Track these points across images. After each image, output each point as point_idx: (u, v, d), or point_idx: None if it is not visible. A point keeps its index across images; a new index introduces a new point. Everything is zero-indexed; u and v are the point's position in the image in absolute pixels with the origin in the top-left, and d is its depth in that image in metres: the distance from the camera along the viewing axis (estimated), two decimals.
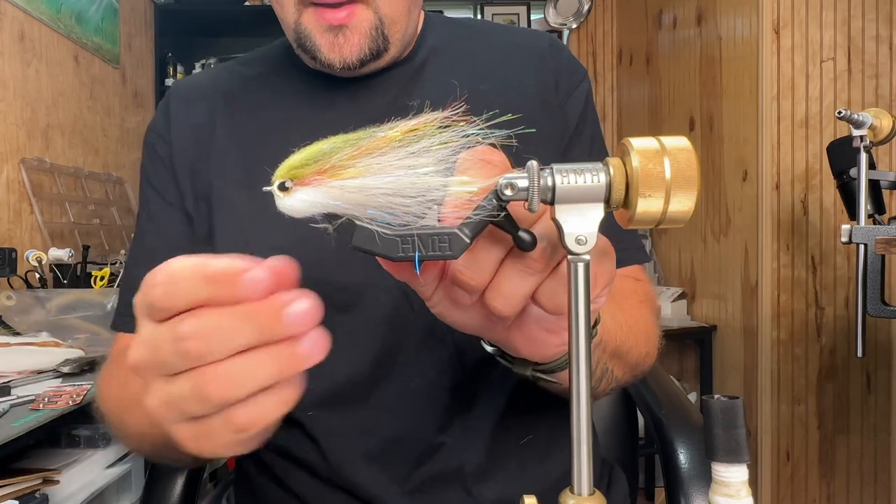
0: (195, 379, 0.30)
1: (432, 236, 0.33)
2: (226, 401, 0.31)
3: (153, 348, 0.31)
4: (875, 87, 2.05)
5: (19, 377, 1.20)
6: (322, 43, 0.60)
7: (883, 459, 2.06)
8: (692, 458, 0.74)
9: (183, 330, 0.30)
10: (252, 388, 0.31)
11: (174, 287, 0.30)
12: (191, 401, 0.31)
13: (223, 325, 0.30)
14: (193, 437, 0.32)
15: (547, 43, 0.73)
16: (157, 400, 0.32)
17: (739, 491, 0.36)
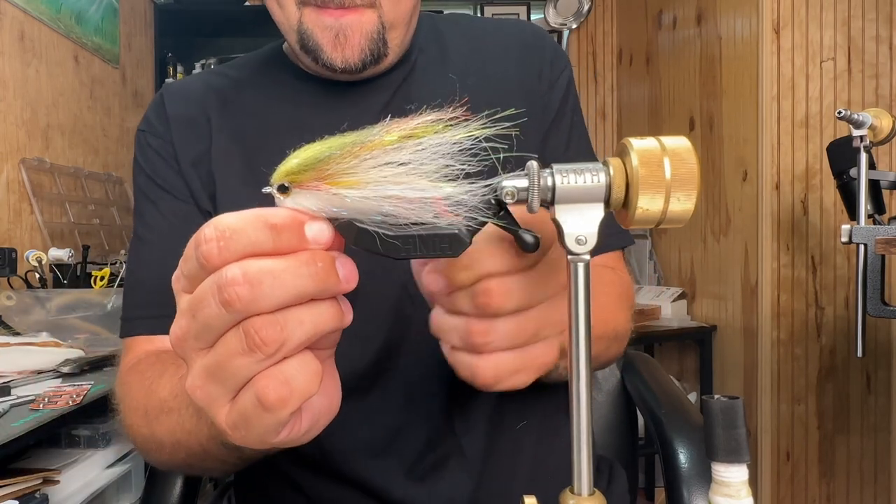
0: (243, 328, 0.30)
1: (433, 237, 0.33)
2: (277, 349, 0.30)
3: (196, 309, 0.31)
4: (875, 87, 2.05)
5: (19, 377, 1.20)
6: (324, 42, 0.60)
7: (883, 459, 2.06)
8: (692, 458, 0.74)
9: (230, 275, 0.30)
10: (302, 337, 0.31)
11: (231, 238, 0.30)
12: (237, 357, 0.30)
13: (275, 271, 0.30)
14: (240, 416, 0.32)
15: (530, 33, 0.73)
16: (200, 374, 0.32)
17: (739, 491, 0.36)
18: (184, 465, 0.54)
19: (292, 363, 0.31)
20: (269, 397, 0.31)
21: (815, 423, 2.08)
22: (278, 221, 0.31)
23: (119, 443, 1.31)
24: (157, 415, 0.52)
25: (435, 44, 0.71)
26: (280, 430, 0.33)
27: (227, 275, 0.30)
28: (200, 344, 0.32)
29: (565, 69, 0.73)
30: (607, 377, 0.96)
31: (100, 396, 1.14)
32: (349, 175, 0.32)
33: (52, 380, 1.23)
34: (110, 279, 1.68)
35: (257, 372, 0.31)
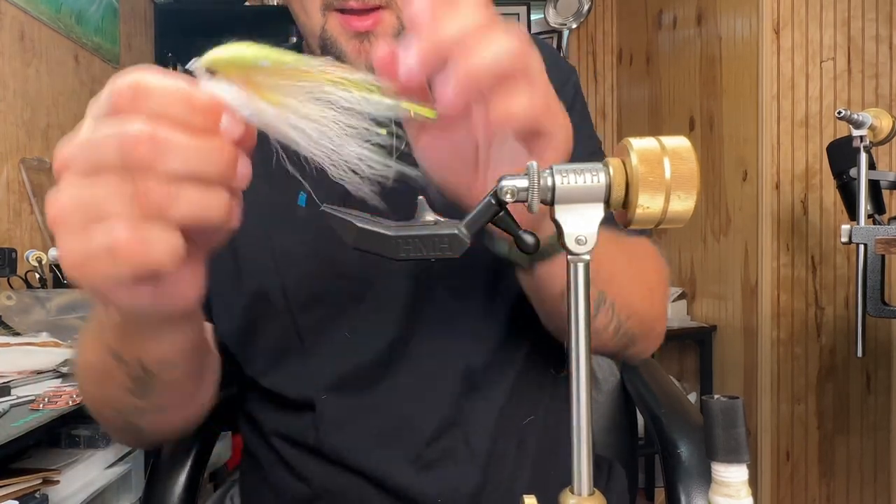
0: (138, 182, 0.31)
1: (433, 237, 0.33)
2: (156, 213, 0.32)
3: (93, 141, 0.32)
4: (875, 87, 2.05)
5: (19, 377, 1.20)
6: (348, 49, 0.60)
7: (883, 459, 2.06)
8: (692, 458, 0.74)
9: (138, 128, 0.31)
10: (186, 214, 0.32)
11: (150, 96, 0.31)
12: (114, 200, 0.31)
13: (183, 143, 0.31)
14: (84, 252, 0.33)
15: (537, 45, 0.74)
16: (70, 195, 0.32)
17: (739, 491, 0.36)
18: (101, 406, 0.55)
19: (158, 231, 0.32)
20: (121, 247, 0.32)
21: (815, 422, 2.08)
22: (200, 102, 0.32)
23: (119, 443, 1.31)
24: (83, 347, 0.54)
25: None
26: (115, 287, 0.35)
27: (135, 129, 0.31)
28: (82, 173, 0.32)
29: (571, 76, 0.73)
30: (607, 377, 0.96)
31: None
32: (272, 91, 0.34)
33: (52, 380, 1.23)
34: None
35: (122, 220, 0.32)
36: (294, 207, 0.59)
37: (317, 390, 0.64)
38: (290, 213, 0.63)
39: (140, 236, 0.32)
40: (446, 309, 0.63)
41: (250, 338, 0.66)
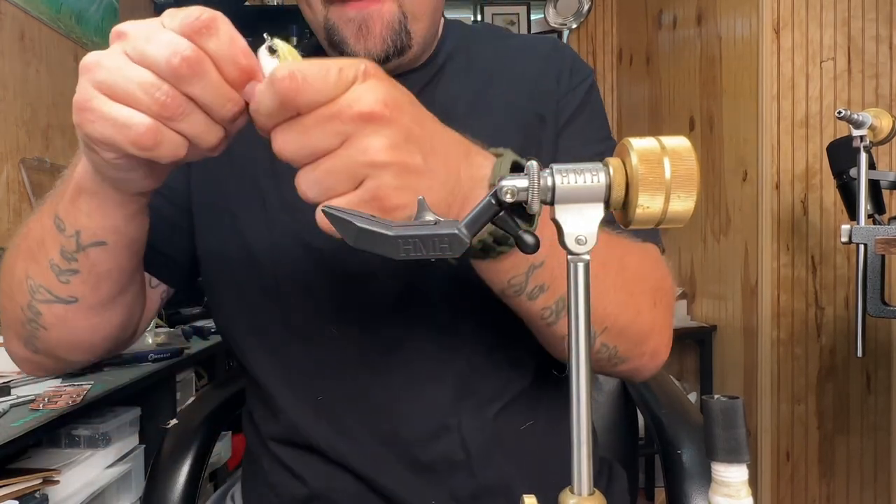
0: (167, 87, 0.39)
1: (433, 237, 0.33)
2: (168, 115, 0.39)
3: (154, 38, 0.39)
4: (875, 87, 2.05)
5: (19, 377, 1.20)
6: (348, 34, 0.61)
7: (883, 459, 2.06)
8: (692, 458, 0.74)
9: (190, 51, 0.38)
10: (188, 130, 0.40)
11: (215, 32, 0.40)
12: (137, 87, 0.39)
13: (216, 78, 0.40)
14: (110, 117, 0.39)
15: (550, 45, 0.75)
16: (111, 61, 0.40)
17: (739, 491, 0.36)
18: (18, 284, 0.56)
19: (172, 136, 0.40)
20: (142, 137, 0.39)
21: (815, 423, 2.08)
22: (244, 62, 0.40)
23: (119, 442, 1.31)
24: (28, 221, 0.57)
25: (464, 53, 0.72)
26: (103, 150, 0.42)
27: (187, 50, 0.38)
28: (131, 53, 0.39)
29: (587, 78, 0.74)
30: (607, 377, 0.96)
31: (100, 396, 1.14)
32: None
33: (52, 380, 1.22)
34: None
35: (146, 111, 0.39)
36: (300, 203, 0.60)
37: (312, 391, 0.64)
38: (295, 207, 0.63)
39: (156, 134, 0.40)
40: (442, 311, 0.63)
41: (244, 326, 0.67)
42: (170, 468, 0.78)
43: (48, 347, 0.60)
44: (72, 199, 0.50)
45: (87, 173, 0.48)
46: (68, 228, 0.51)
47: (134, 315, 0.63)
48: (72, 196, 0.50)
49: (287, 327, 0.64)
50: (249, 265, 0.65)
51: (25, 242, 0.56)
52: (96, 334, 0.60)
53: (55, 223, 0.51)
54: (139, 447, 1.38)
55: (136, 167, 0.45)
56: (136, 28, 0.40)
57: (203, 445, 0.79)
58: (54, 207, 0.52)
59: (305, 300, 0.64)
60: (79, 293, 0.55)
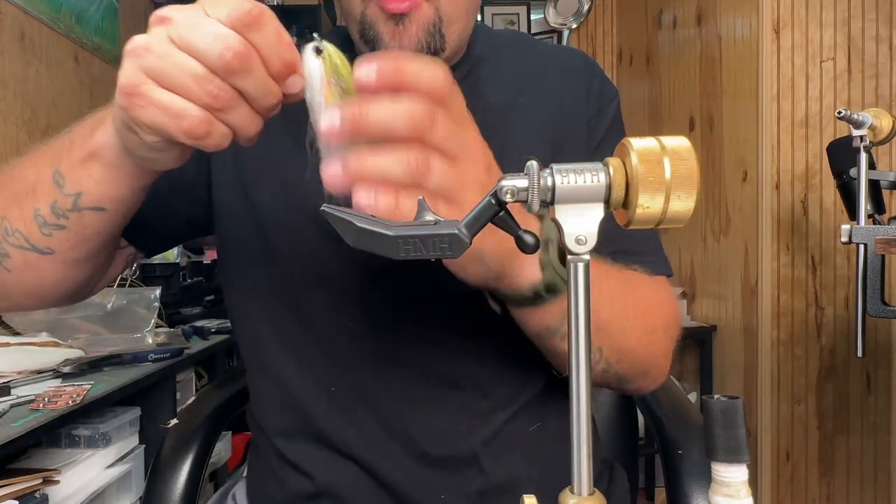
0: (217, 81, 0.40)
1: (433, 237, 0.33)
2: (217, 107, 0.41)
3: (194, 27, 0.40)
4: (875, 87, 2.05)
5: (19, 377, 1.20)
6: (384, 31, 0.61)
7: (883, 459, 2.06)
8: (692, 458, 0.74)
9: (239, 44, 0.39)
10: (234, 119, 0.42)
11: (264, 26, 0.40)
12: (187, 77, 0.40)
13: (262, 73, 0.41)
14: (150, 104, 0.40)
15: (582, 61, 0.76)
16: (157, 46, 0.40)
17: (739, 491, 0.36)
18: None
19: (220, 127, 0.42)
20: (195, 126, 0.41)
21: (815, 423, 2.08)
22: (289, 57, 0.42)
23: (119, 442, 1.31)
24: (16, 162, 0.57)
25: (492, 57, 0.72)
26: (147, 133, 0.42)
27: (237, 45, 0.39)
28: (176, 39, 0.40)
29: (614, 99, 0.75)
30: None
31: (100, 396, 1.14)
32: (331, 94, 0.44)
33: (52, 380, 1.23)
34: None
35: (191, 99, 0.40)
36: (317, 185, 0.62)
37: (325, 382, 0.64)
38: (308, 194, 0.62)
39: (208, 124, 0.41)
40: (461, 311, 0.63)
41: (258, 313, 0.67)
42: (170, 468, 0.78)
43: (2, 288, 0.59)
44: (81, 161, 0.50)
45: (110, 146, 0.48)
46: (68, 187, 0.51)
47: (98, 274, 0.62)
48: (82, 159, 0.50)
49: (302, 317, 0.64)
50: (268, 253, 0.65)
51: (10, 184, 0.55)
52: (58, 287, 0.59)
53: (53, 177, 0.51)
54: (139, 447, 1.39)
55: (172, 149, 0.45)
56: (181, 14, 0.41)
57: (203, 445, 0.79)
58: (55, 161, 0.52)
59: (323, 291, 0.64)
60: (57, 247, 0.54)
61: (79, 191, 0.51)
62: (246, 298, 0.68)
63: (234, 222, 0.67)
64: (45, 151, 0.54)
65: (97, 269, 0.61)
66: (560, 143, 0.68)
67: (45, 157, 0.53)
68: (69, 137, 0.52)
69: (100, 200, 0.51)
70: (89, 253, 0.56)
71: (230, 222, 0.68)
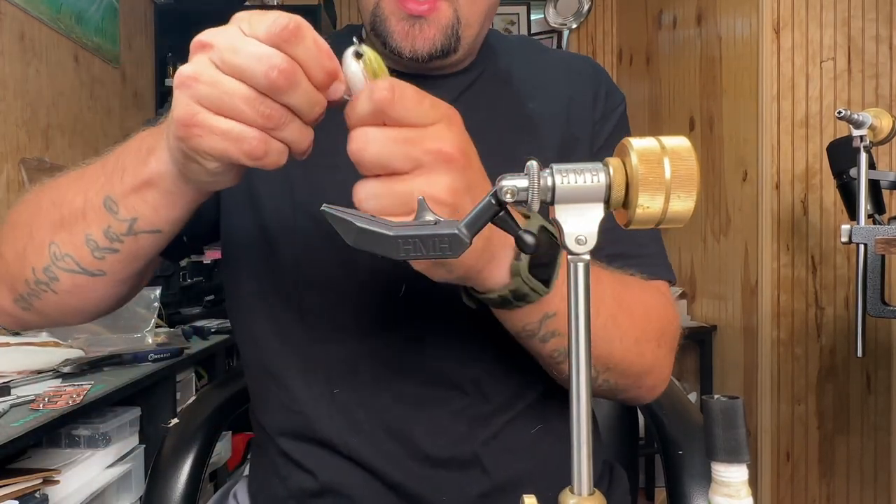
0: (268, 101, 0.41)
1: (433, 237, 0.33)
2: (272, 126, 0.41)
3: (237, 51, 0.40)
4: (875, 87, 2.05)
5: (19, 377, 1.20)
6: (396, 30, 0.61)
7: (883, 459, 2.06)
8: (693, 458, 0.74)
9: (286, 63, 0.40)
10: (288, 136, 0.42)
11: (303, 40, 0.40)
12: (242, 106, 0.41)
13: (307, 85, 0.41)
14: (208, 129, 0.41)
15: (590, 66, 0.76)
16: (203, 72, 0.41)
17: (739, 491, 0.36)
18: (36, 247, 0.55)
19: (277, 145, 0.42)
20: (254, 147, 0.41)
21: (815, 423, 2.08)
22: (330, 65, 0.42)
23: (119, 442, 1.31)
24: (56, 183, 0.57)
25: (502, 61, 0.72)
26: (209, 161, 0.43)
27: (282, 62, 0.40)
28: (221, 65, 0.41)
29: (621, 104, 0.75)
30: None
31: (100, 396, 1.14)
32: None
33: (52, 380, 1.23)
34: None
35: (246, 122, 0.41)
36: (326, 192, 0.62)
37: (329, 383, 0.64)
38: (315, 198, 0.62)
39: (265, 143, 0.42)
40: (464, 316, 0.62)
41: (261, 315, 0.67)
42: (171, 468, 0.78)
43: (46, 308, 0.58)
44: (135, 189, 0.50)
45: (166, 174, 0.48)
46: (122, 213, 0.51)
47: (138, 286, 0.63)
48: (136, 187, 0.50)
49: (306, 320, 0.64)
50: (272, 254, 0.65)
51: (55, 209, 0.55)
52: (102, 304, 0.60)
53: (105, 204, 0.51)
54: (139, 447, 1.39)
55: (231, 171, 0.46)
56: (221, 38, 0.41)
57: (204, 445, 0.79)
58: (106, 188, 0.52)
59: (328, 293, 0.63)
60: (108, 269, 0.54)
61: (134, 216, 0.51)
62: (248, 300, 0.68)
63: (238, 223, 0.67)
64: (90, 177, 0.54)
65: (139, 282, 0.62)
66: (568, 148, 0.68)
67: (92, 182, 0.53)
68: (117, 164, 0.52)
69: (156, 224, 0.52)
70: (138, 271, 0.57)
71: (234, 223, 0.68)
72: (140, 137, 0.52)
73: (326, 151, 0.50)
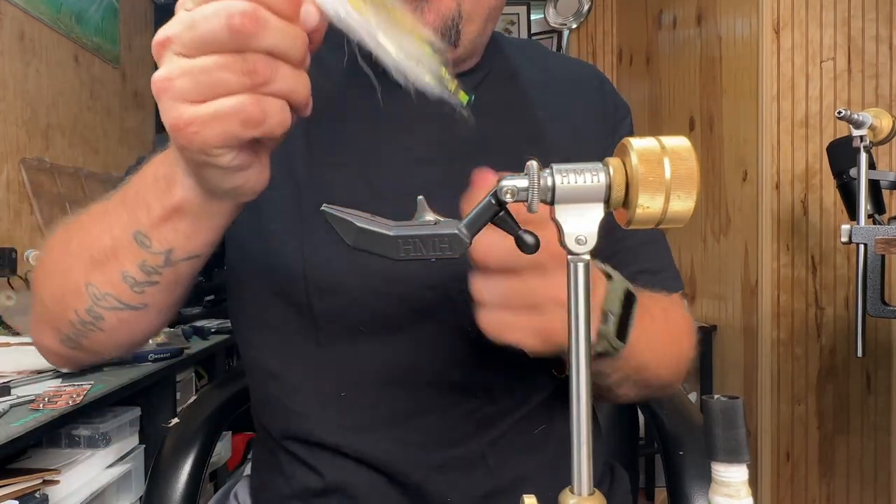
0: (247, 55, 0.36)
1: (433, 237, 0.33)
2: (263, 82, 0.37)
3: (197, 22, 0.36)
4: (875, 87, 2.05)
5: (19, 377, 1.20)
6: None
7: (883, 459, 2.06)
8: (693, 458, 0.74)
9: (243, 6, 0.36)
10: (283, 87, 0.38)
11: None
12: (226, 72, 0.36)
13: (275, 22, 0.37)
14: (206, 117, 0.37)
15: (596, 76, 0.76)
16: (176, 69, 0.37)
17: (739, 491, 0.36)
18: (74, 290, 0.54)
19: (271, 100, 0.38)
20: (251, 113, 0.37)
21: (815, 423, 2.08)
22: None
23: (119, 442, 1.31)
24: (78, 225, 0.55)
25: (508, 64, 0.72)
26: (228, 147, 0.39)
27: (239, 6, 0.36)
28: (187, 50, 0.37)
29: (627, 115, 0.75)
30: None
31: (100, 396, 1.14)
32: (361, 4, 0.39)
33: (52, 380, 1.23)
34: None
35: (241, 89, 0.37)
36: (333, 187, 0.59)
37: (337, 387, 0.64)
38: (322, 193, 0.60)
39: (260, 104, 0.38)
40: (467, 321, 0.62)
41: (265, 322, 0.66)
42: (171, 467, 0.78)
43: (95, 346, 0.58)
44: (165, 219, 0.48)
45: (193, 197, 0.46)
46: (156, 246, 0.49)
47: (181, 306, 0.63)
48: (164, 217, 0.48)
49: (316, 324, 0.63)
50: (278, 256, 0.64)
51: (84, 250, 0.54)
52: (148, 332, 0.60)
53: (136, 239, 0.49)
54: (139, 447, 1.39)
55: (252, 163, 0.43)
56: (173, 27, 0.38)
57: (204, 445, 0.79)
58: (131, 224, 0.50)
59: (336, 297, 0.63)
60: (151, 300, 0.54)
61: (169, 247, 0.50)
62: (252, 303, 0.67)
63: (242, 222, 0.67)
64: (113, 214, 0.52)
65: (182, 303, 0.61)
66: (575, 157, 0.69)
67: (116, 220, 0.51)
68: (137, 198, 0.50)
69: (192, 251, 0.50)
70: (181, 295, 0.57)
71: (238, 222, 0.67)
72: (154, 166, 0.50)
73: (331, 149, 0.50)
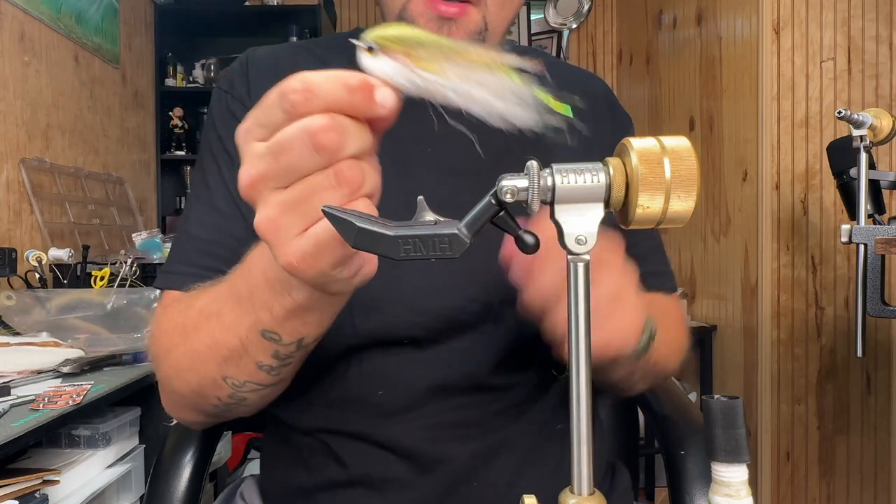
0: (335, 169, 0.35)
1: (433, 237, 0.33)
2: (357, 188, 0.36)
3: (280, 152, 0.35)
4: (875, 87, 2.05)
5: (19, 377, 1.20)
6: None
7: (883, 459, 2.06)
8: (693, 458, 0.74)
9: (321, 122, 0.34)
10: (370, 186, 0.37)
11: (317, 92, 0.35)
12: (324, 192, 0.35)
13: (354, 124, 0.35)
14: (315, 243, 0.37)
15: (603, 90, 0.77)
16: (277, 208, 0.36)
17: (739, 491, 0.36)
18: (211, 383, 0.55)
19: (366, 205, 0.37)
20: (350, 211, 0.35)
21: (815, 423, 2.08)
22: (354, 83, 0.35)
23: (119, 443, 1.31)
24: (196, 323, 0.55)
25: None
26: (342, 264, 0.39)
27: (319, 122, 0.34)
28: (279, 183, 0.36)
29: (630, 127, 0.76)
30: None
31: (100, 396, 1.14)
32: (431, 63, 0.36)
33: (52, 380, 1.23)
34: (110, 279, 1.68)
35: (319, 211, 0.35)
36: None
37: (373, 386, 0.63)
38: None
39: (351, 203, 0.36)
40: (471, 321, 0.62)
41: None
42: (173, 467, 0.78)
43: (241, 413, 0.60)
44: (291, 317, 0.48)
45: (316, 296, 0.46)
46: (286, 339, 0.50)
47: None
48: (290, 314, 0.48)
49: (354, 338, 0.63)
50: None
51: (212, 351, 0.53)
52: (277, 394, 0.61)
53: (265, 336, 0.50)
54: (139, 447, 1.39)
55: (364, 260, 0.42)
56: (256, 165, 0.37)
57: (205, 445, 0.79)
58: (257, 324, 0.49)
59: (377, 318, 0.62)
60: (287, 375, 0.55)
61: (299, 337, 0.50)
62: None
63: None
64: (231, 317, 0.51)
65: None
66: None
67: (238, 322, 0.51)
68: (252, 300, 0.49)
69: (321, 332, 0.51)
70: None
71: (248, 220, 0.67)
72: (261, 265, 0.48)
73: None
